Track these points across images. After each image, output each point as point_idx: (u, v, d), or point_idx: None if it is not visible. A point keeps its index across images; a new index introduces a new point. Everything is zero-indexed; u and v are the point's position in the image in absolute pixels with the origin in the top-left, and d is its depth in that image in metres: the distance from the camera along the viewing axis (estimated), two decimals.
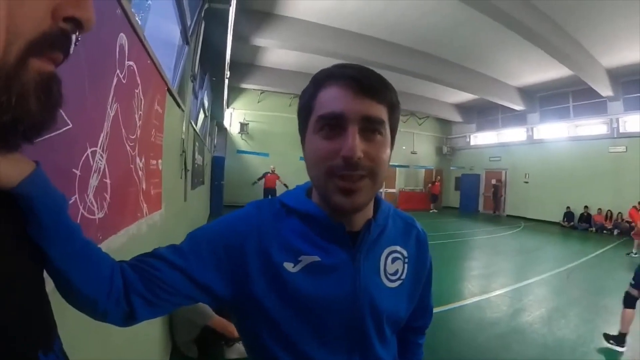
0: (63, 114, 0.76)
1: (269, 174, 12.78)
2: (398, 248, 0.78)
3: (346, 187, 0.62)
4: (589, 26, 8.54)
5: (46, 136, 0.71)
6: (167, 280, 0.63)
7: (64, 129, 0.77)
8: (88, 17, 0.38)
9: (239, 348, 2.67)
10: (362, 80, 0.63)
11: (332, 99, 0.63)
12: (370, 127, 0.63)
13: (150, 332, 2.09)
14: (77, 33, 0.38)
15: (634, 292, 3.34)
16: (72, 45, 0.39)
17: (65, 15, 0.35)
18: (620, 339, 3.31)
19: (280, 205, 0.74)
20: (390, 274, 0.76)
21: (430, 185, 18.92)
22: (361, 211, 0.69)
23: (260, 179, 12.71)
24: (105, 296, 0.57)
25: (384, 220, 0.76)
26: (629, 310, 3.34)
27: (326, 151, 0.63)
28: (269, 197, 12.34)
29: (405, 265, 0.78)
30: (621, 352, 3.25)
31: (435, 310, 3.39)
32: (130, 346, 1.59)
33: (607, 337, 3.38)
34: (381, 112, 0.65)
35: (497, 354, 3.21)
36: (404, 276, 0.78)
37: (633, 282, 3.39)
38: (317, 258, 0.69)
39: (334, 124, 0.62)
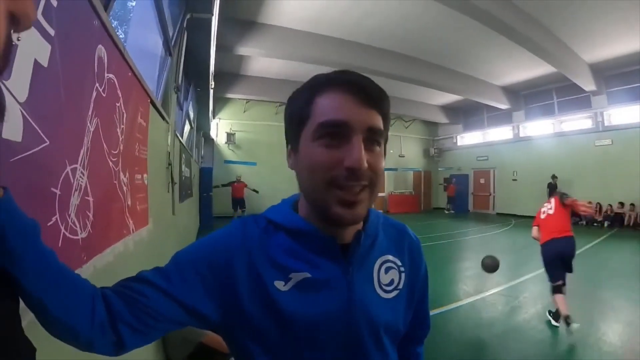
0: (39, 130, 0.72)
1: (235, 183, 12.64)
2: (391, 257, 0.76)
3: (348, 198, 0.60)
4: (570, 23, 8.72)
5: (22, 155, 0.68)
6: (154, 306, 0.59)
7: (41, 146, 0.73)
8: (26, 11, 0.35)
9: None
10: (368, 90, 0.61)
11: (335, 106, 0.60)
12: (372, 138, 0.62)
13: (143, 349, 2.02)
14: (14, 31, 0.35)
15: (557, 282, 3.74)
16: (12, 45, 0.35)
17: (9, 10, 0.32)
18: (556, 315, 3.68)
19: (266, 222, 0.71)
20: (385, 285, 0.73)
21: (446, 187, 19.15)
22: (358, 223, 0.68)
23: (225, 185, 12.55)
24: (87, 325, 0.53)
25: (374, 230, 0.74)
26: (558, 295, 3.68)
27: (328, 160, 0.60)
28: (238, 207, 12.39)
29: (402, 275, 0.76)
30: (619, 346, 3.26)
31: (431, 313, 3.35)
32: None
33: (549, 312, 3.85)
34: (380, 122, 0.63)
35: (496, 353, 3.20)
36: (400, 286, 0.75)
37: (549, 278, 3.86)
38: (307, 274, 0.66)
39: (337, 133, 0.60)
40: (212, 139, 14.68)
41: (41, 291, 0.49)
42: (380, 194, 18.44)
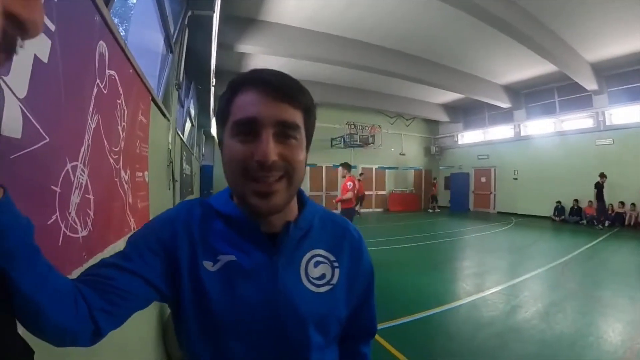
0: (39, 127, 0.71)
1: None
2: (322, 252, 0.77)
3: (261, 189, 0.64)
4: (571, 22, 8.70)
5: (21, 152, 0.67)
6: (120, 286, 0.61)
7: (41, 143, 0.72)
8: (33, 19, 0.34)
9: None
10: (277, 85, 0.64)
11: (247, 103, 0.64)
12: (284, 132, 0.65)
13: (143, 344, 2.02)
14: (20, 38, 0.34)
15: None
16: (15, 49, 0.35)
17: (7, 9, 0.31)
18: None
19: (208, 207, 0.75)
20: (315, 278, 0.74)
21: (433, 186, 19.37)
22: (279, 213, 0.69)
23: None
24: (73, 319, 0.54)
25: (306, 224, 0.76)
26: None
27: (241, 154, 0.63)
28: None
29: (336, 270, 0.77)
30: (619, 345, 3.26)
31: (431, 312, 3.37)
32: (125, 357, 1.52)
33: None
34: (296, 116, 0.66)
35: (495, 353, 3.18)
36: (334, 281, 0.76)
37: None
38: (233, 257, 0.69)
39: (249, 129, 0.63)
40: (213, 137, 14.65)
41: (36, 291, 0.49)
42: (380, 192, 18.51)
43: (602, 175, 11.63)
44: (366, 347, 0.94)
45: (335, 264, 0.77)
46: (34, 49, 0.69)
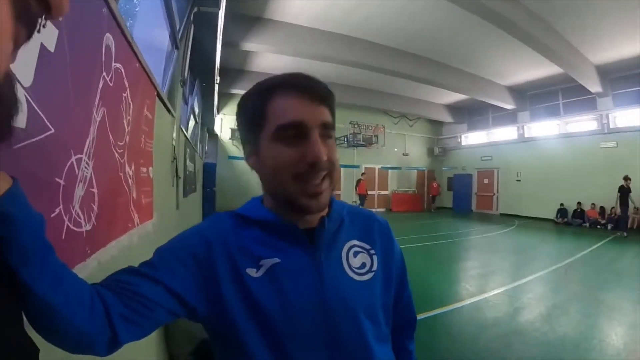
0: (44, 117, 0.70)
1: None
2: (357, 242, 0.79)
3: (312, 190, 0.66)
4: (578, 24, 8.67)
5: (25, 142, 0.65)
6: (145, 294, 0.60)
7: (46, 134, 0.70)
8: (59, 0, 0.33)
9: None
10: (315, 89, 0.67)
11: (290, 107, 0.66)
12: (325, 133, 0.68)
13: (146, 347, 2.00)
14: (44, 17, 0.33)
15: None
16: (37, 26, 0.33)
17: None
18: None
19: (237, 217, 0.76)
20: (357, 268, 0.76)
21: (431, 186, 19.26)
22: (323, 210, 0.73)
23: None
24: (88, 323, 0.52)
25: (338, 217, 0.78)
26: None
27: (291, 157, 0.65)
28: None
29: (374, 257, 0.79)
30: (622, 349, 3.24)
31: (434, 312, 3.36)
32: (126, 357, 1.51)
33: None
34: (329, 116, 0.69)
35: (498, 354, 3.17)
36: (374, 268, 0.78)
37: None
38: (277, 260, 0.70)
39: (295, 132, 0.65)
40: (216, 135, 14.66)
41: (50, 291, 0.47)
42: (383, 192, 18.50)
43: (627, 178, 10.67)
44: (412, 343, 0.96)
45: (372, 252, 0.80)
46: (41, 37, 0.67)
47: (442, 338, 3.53)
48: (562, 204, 13.81)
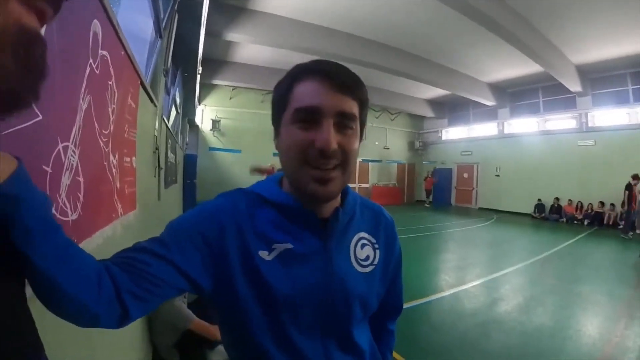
0: (32, 104, 0.68)
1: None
2: (366, 235, 0.82)
3: (320, 176, 0.66)
4: (559, 25, 8.87)
5: (15, 127, 0.64)
6: (154, 272, 0.61)
7: (34, 120, 0.69)
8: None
9: (221, 350, 2.59)
10: (338, 77, 0.67)
11: (309, 92, 0.66)
12: (343, 122, 0.67)
13: (130, 335, 1.99)
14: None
15: None
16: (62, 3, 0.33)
17: None
18: None
19: (253, 196, 0.76)
20: (361, 260, 0.79)
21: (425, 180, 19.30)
22: (334, 199, 0.74)
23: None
24: (95, 298, 0.53)
25: (351, 209, 0.80)
26: None
27: (302, 141, 0.66)
28: None
29: (377, 251, 0.82)
30: (597, 338, 3.37)
31: (415, 302, 3.43)
32: (111, 350, 1.50)
33: None
34: (353, 107, 0.68)
35: (477, 343, 3.27)
36: (376, 261, 0.81)
37: None
38: (289, 245, 0.71)
39: (310, 116, 0.65)
40: (197, 126, 14.46)
41: (54, 268, 0.48)
42: (364, 185, 18.59)
43: (636, 177, 9.50)
44: (392, 324, 1.01)
45: (376, 246, 0.83)
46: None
47: (423, 327, 3.61)
48: (539, 200, 14.19)
